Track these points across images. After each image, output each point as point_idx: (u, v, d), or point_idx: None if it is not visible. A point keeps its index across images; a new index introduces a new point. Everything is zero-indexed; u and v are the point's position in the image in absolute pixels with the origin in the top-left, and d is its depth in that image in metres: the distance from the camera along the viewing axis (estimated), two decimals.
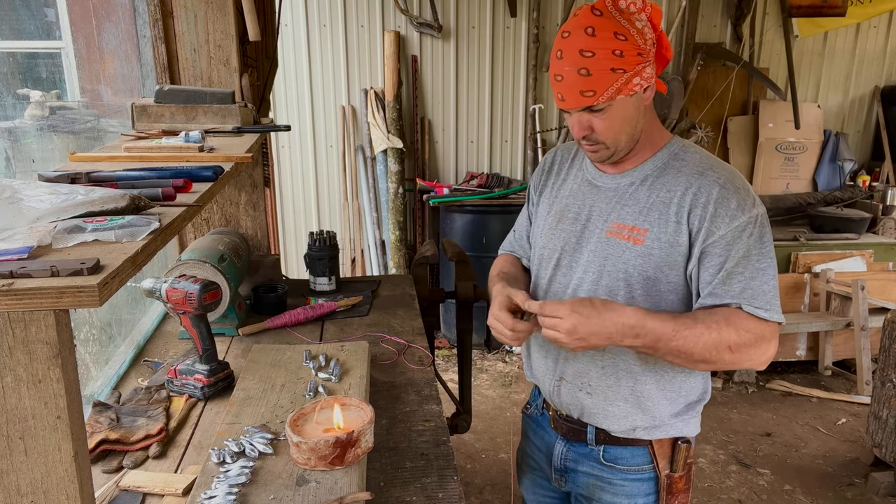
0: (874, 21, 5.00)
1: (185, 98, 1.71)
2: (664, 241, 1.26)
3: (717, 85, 4.81)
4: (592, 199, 1.37)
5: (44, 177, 1.07)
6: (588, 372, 1.37)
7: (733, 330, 1.21)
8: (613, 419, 1.38)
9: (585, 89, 1.19)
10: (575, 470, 1.48)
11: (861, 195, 4.82)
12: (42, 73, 1.74)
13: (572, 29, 1.20)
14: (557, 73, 1.22)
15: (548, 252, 1.42)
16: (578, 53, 1.18)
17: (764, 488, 3.04)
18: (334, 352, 1.67)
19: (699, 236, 1.24)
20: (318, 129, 4.54)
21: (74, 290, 0.68)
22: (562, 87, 1.22)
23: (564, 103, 1.24)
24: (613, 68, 1.17)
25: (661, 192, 1.28)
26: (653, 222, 1.27)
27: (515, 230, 1.62)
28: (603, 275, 1.32)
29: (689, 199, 1.25)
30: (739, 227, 1.22)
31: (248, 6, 2.01)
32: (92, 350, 1.72)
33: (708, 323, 1.21)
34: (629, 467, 1.41)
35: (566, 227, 1.39)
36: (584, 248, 1.36)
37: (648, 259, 1.27)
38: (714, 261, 1.24)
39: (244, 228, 2.30)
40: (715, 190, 1.23)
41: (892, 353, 2.92)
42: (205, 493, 1.12)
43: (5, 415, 0.73)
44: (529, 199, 1.57)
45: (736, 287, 1.23)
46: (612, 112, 1.23)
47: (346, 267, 4.64)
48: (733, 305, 1.23)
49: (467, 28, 4.55)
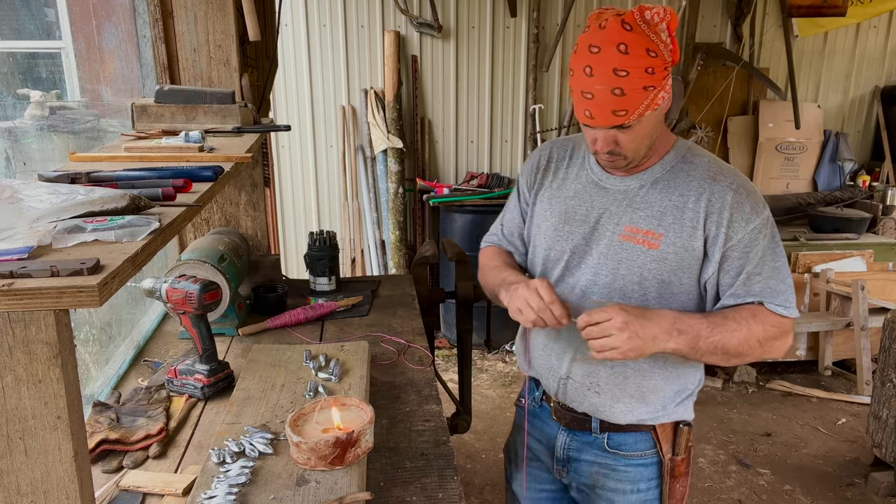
0: (874, 21, 5.00)
1: (185, 98, 1.71)
2: (679, 245, 1.28)
3: (717, 85, 4.81)
4: (601, 202, 1.36)
5: (44, 177, 1.07)
6: (597, 372, 1.38)
7: (759, 325, 1.26)
8: (620, 414, 1.40)
9: (618, 109, 1.18)
10: (578, 459, 1.48)
11: (861, 195, 4.82)
12: (42, 73, 1.74)
13: (602, 44, 1.16)
14: (587, 90, 1.19)
15: (555, 254, 1.41)
16: (612, 72, 1.15)
17: (764, 488, 3.04)
18: (334, 352, 1.67)
19: (717, 241, 1.27)
20: (318, 129, 4.54)
21: (74, 290, 0.68)
22: (592, 106, 1.20)
23: (594, 121, 1.22)
24: (646, 86, 1.16)
25: (673, 196, 1.30)
26: (668, 227, 1.29)
27: (504, 225, 1.59)
28: (617, 278, 1.32)
29: (703, 205, 1.27)
30: (755, 229, 1.26)
31: (248, 6, 2.02)
32: (92, 350, 1.72)
33: (738, 319, 1.26)
34: (633, 453, 1.43)
35: (574, 228, 1.38)
36: (592, 251, 1.36)
37: (664, 263, 1.29)
38: (734, 264, 1.27)
39: (244, 228, 2.30)
40: (728, 195, 1.26)
41: (892, 353, 2.92)
42: (205, 493, 1.12)
43: (5, 415, 0.73)
44: (521, 195, 1.53)
45: (756, 288, 1.28)
46: (638, 128, 1.23)
47: (346, 267, 4.64)
48: (755, 303, 1.28)
49: (467, 28, 4.55)
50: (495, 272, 1.46)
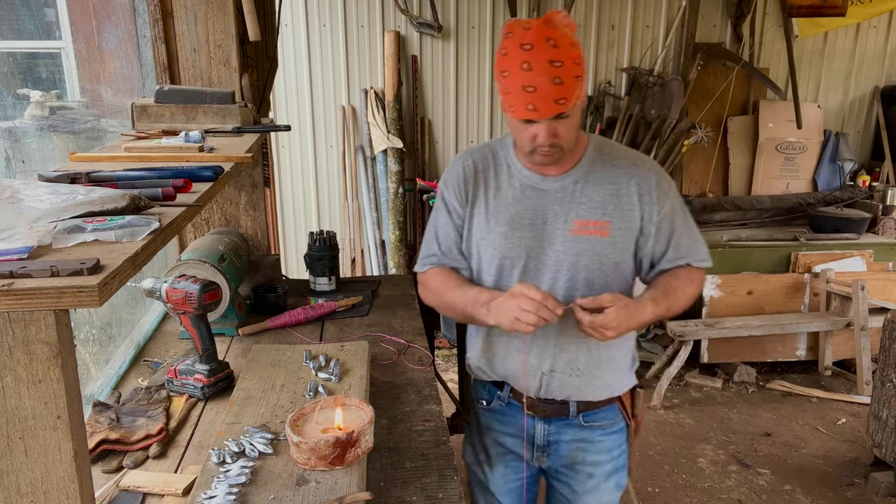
0: (874, 21, 5.00)
1: (185, 98, 1.71)
2: (625, 228, 1.45)
3: (717, 85, 4.81)
4: (542, 203, 1.46)
5: (44, 177, 1.07)
6: (577, 357, 1.51)
7: (693, 286, 1.51)
8: (598, 390, 1.55)
9: (559, 97, 1.27)
10: (558, 441, 1.61)
11: (861, 195, 4.82)
12: (42, 73, 1.74)
13: (534, 42, 1.26)
14: (529, 84, 1.27)
15: (509, 261, 1.48)
16: (549, 64, 1.26)
17: (764, 488, 3.04)
18: (334, 352, 1.67)
19: (652, 217, 1.46)
20: (318, 129, 4.54)
21: (74, 290, 0.68)
22: (535, 98, 1.28)
23: (538, 113, 1.29)
24: (577, 75, 1.28)
25: (606, 186, 1.45)
26: (611, 214, 1.44)
27: (440, 244, 1.57)
28: (579, 269, 1.45)
29: (634, 188, 1.45)
30: (673, 201, 1.48)
31: (248, 6, 2.01)
32: (92, 350, 1.72)
33: (680, 281, 1.49)
34: (605, 423, 1.60)
35: (525, 233, 1.46)
36: (548, 250, 1.46)
37: (615, 247, 1.45)
38: (664, 234, 1.48)
39: (244, 228, 2.30)
40: (652, 177, 1.46)
41: (892, 353, 2.92)
42: (205, 493, 1.12)
43: (5, 415, 0.73)
44: (451, 211, 1.54)
45: (682, 250, 1.49)
46: (573, 118, 1.34)
47: (346, 267, 4.64)
48: (683, 264, 1.50)
49: (467, 28, 4.55)
50: (458, 292, 1.50)
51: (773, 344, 4.14)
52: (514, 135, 1.41)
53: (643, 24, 4.77)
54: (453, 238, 1.56)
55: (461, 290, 1.49)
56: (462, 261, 1.57)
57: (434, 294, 1.57)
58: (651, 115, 4.64)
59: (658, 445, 3.41)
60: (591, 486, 1.61)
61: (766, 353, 4.16)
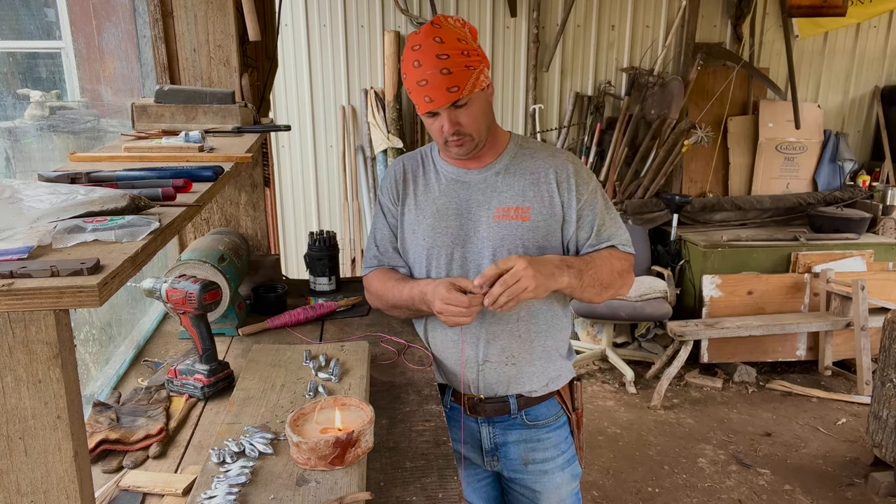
0: (874, 21, 5.00)
1: (185, 98, 1.71)
2: (545, 213, 1.54)
3: (717, 85, 4.81)
4: (466, 193, 1.58)
5: (44, 177, 1.07)
6: (510, 346, 1.59)
7: (616, 260, 1.57)
8: (534, 379, 1.62)
9: (451, 86, 1.39)
10: (505, 443, 1.67)
11: (861, 195, 4.82)
12: (42, 73, 1.74)
13: (422, 42, 1.40)
14: (420, 78, 1.40)
15: (437, 250, 1.59)
16: (436, 57, 1.38)
17: (764, 488, 3.04)
18: (334, 352, 1.67)
19: (571, 204, 1.55)
20: (318, 129, 4.54)
21: (74, 290, 0.68)
22: (428, 90, 1.40)
23: (433, 104, 1.41)
24: (467, 65, 1.40)
25: (526, 175, 1.56)
26: (531, 200, 1.54)
27: (378, 246, 1.71)
28: (503, 252, 1.53)
29: (552, 177, 1.55)
30: (593, 190, 1.58)
31: (248, 6, 2.01)
32: (92, 350, 1.72)
33: (602, 256, 1.56)
34: (548, 419, 1.67)
35: (450, 223, 1.57)
36: (473, 237, 1.56)
37: (537, 231, 1.54)
38: (586, 220, 1.56)
39: (244, 228, 2.30)
40: (569, 166, 1.56)
41: (892, 353, 2.93)
42: (205, 493, 1.12)
43: (5, 415, 0.73)
44: (386, 212, 1.68)
45: (605, 235, 1.58)
46: (473, 105, 1.45)
47: (346, 267, 4.64)
48: (606, 247, 1.57)
49: None
50: (397, 289, 1.62)
51: (773, 344, 4.14)
52: (430, 132, 1.53)
53: (643, 24, 4.77)
54: (389, 238, 1.69)
55: (399, 287, 1.61)
56: (398, 259, 1.68)
57: (377, 297, 1.71)
58: (651, 115, 4.64)
59: (658, 445, 3.41)
60: (547, 482, 1.67)
61: (766, 353, 4.16)
